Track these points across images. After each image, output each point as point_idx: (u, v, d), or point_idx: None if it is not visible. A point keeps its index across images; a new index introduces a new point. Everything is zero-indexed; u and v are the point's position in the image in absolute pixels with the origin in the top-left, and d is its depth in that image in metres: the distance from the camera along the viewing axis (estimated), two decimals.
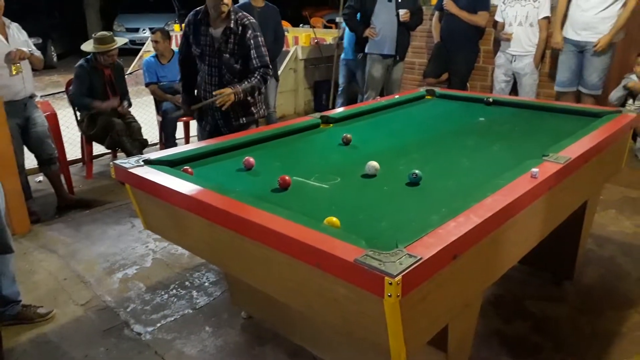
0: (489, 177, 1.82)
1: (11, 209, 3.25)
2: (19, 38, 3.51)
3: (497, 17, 4.84)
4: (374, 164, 1.95)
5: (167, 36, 4.73)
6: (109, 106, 4.21)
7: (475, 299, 1.73)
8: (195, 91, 3.29)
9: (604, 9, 4.29)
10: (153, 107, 5.01)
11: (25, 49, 3.44)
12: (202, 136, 3.34)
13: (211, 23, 3.03)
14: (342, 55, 5.78)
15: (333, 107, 5.50)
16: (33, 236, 3.41)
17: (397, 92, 4.94)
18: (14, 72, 3.39)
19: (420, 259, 1.21)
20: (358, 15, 4.90)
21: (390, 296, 1.14)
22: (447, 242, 1.30)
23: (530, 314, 2.52)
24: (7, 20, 3.46)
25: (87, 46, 4.18)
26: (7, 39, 3.42)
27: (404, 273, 1.15)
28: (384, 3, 4.74)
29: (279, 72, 5.57)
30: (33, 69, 3.64)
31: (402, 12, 4.69)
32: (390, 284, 1.13)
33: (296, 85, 6.73)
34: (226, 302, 2.59)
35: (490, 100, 3.15)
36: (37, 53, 3.62)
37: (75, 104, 4.34)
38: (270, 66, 3.14)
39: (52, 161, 3.75)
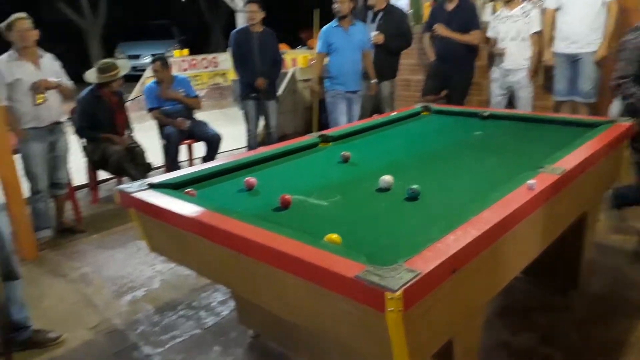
0: (486, 190, 1.85)
1: (20, 235, 3.30)
2: (50, 68, 3.63)
3: (490, 33, 4.93)
4: (387, 178, 2.00)
5: (166, 65, 4.82)
6: (119, 142, 4.26)
7: (478, 311, 1.75)
8: None
9: (590, 21, 4.40)
10: (156, 131, 5.08)
11: (53, 79, 3.56)
12: None
13: None
14: None
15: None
16: (42, 262, 3.44)
17: (389, 110, 4.97)
18: (38, 102, 3.50)
19: (420, 273, 1.24)
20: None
21: (392, 311, 1.17)
22: (446, 255, 1.33)
23: (538, 324, 2.52)
24: (41, 51, 3.60)
25: (90, 76, 4.23)
26: (38, 68, 3.54)
27: (404, 287, 1.18)
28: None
29: (279, 94, 5.64)
30: (64, 98, 3.75)
31: (373, 34, 4.75)
32: (391, 298, 1.16)
33: (295, 105, 6.82)
34: (234, 321, 2.60)
35: (486, 114, 3.21)
36: (68, 83, 3.73)
37: (82, 136, 4.39)
38: None
39: (61, 186, 3.84)
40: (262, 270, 1.52)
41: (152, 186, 2.01)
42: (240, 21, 7.46)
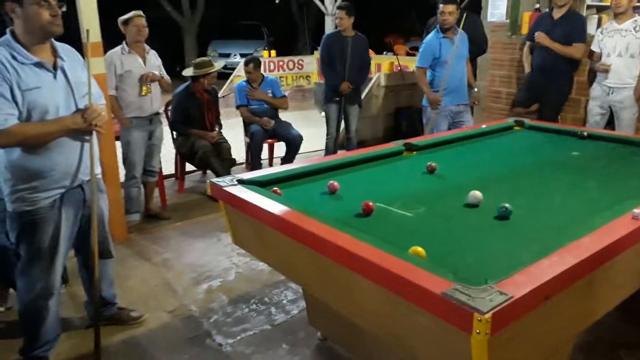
0: (584, 215, 1.74)
1: (112, 217, 3.53)
2: (154, 63, 3.93)
3: (594, 47, 4.60)
4: (476, 193, 1.94)
5: (258, 66, 4.99)
6: (207, 138, 4.47)
7: (566, 343, 1.65)
8: None
9: None
10: (241, 128, 5.26)
11: (157, 73, 3.85)
12: None
13: None
14: None
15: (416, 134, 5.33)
16: (129, 244, 3.68)
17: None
18: (143, 93, 3.80)
19: (512, 297, 1.18)
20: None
21: (478, 333, 1.13)
22: (540, 281, 1.26)
23: None
24: (147, 47, 3.92)
25: (187, 71, 4.52)
26: (144, 62, 3.84)
27: (494, 311, 1.13)
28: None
29: (362, 98, 5.64)
30: (163, 91, 4.04)
31: None
32: (480, 320, 1.12)
33: (377, 111, 6.79)
34: (303, 322, 2.63)
35: (585, 134, 3.01)
36: (167, 78, 4.03)
37: (174, 129, 4.68)
38: None
39: (153, 173, 4.09)
40: (341, 273, 1.52)
41: (241, 182, 2.08)
42: (330, 24, 7.56)
